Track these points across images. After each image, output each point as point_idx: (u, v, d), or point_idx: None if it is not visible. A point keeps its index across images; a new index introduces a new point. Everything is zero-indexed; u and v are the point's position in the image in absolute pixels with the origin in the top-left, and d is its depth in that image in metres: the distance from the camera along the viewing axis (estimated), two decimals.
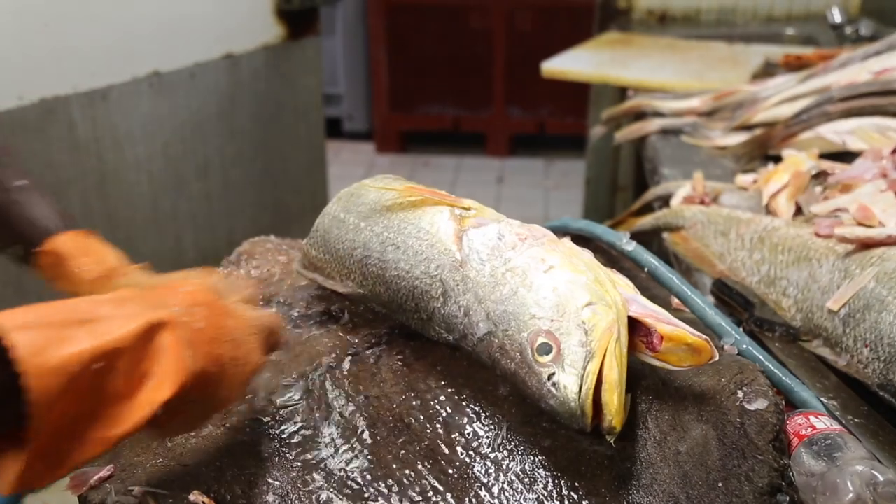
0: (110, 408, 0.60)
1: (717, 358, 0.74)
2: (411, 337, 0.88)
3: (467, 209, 0.88)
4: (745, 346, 0.86)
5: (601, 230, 1.09)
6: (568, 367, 0.71)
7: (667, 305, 0.90)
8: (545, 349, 0.72)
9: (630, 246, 1.02)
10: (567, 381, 0.70)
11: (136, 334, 0.60)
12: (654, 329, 0.74)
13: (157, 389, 0.61)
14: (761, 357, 0.86)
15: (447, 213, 0.87)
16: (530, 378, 0.73)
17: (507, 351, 0.76)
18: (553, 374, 0.71)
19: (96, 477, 0.73)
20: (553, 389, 0.71)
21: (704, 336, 0.73)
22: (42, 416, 0.55)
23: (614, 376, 0.70)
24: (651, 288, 1.00)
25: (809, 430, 0.77)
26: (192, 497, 0.71)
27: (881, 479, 0.69)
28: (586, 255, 0.82)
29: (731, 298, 1.03)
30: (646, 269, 0.99)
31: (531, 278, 0.77)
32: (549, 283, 0.76)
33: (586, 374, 0.70)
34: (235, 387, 0.70)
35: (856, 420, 0.82)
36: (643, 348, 0.76)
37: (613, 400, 0.69)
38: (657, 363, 0.75)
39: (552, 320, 0.74)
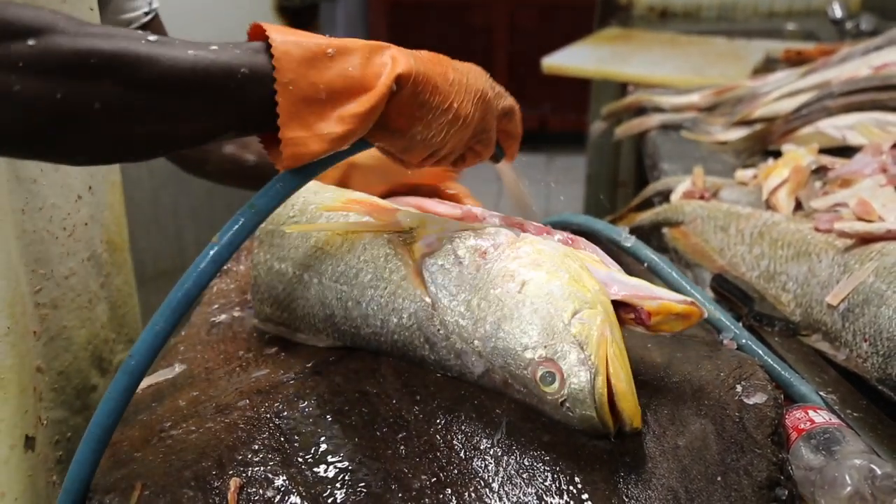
0: (351, 93, 0.69)
1: (706, 315, 0.76)
2: None
3: (408, 231, 0.84)
4: (744, 341, 0.86)
5: (601, 225, 1.09)
6: (576, 390, 0.71)
7: None
8: (548, 379, 0.72)
9: (629, 241, 1.02)
10: (580, 404, 0.71)
11: (365, 45, 0.71)
12: (641, 308, 0.75)
13: (389, 72, 0.70)
14: (760, 352, 0.86)
15: (391, 245, 0.83)
16: (543, 405, 0.74)
17: (511, 384, 0.76)
18: (564, 399, 0.71)
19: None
20: (569, 413, 0.71)
21: (689, 299, 0.75)
22: (285, 75, 0.66)
23: (622, 384, 0.70)
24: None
25: (808, 424, 0.77)
26: (229, 484, 0.71)
27: (879, 472, 0.69)
28: (549, 244, 0.80)
29: (731, 293, 1.03)
30: (645, 264, 0.99)
31: (509, 305, 0.75)
32: (528, 305, 0.74)
33: (596, 391, 0.70)
34: (465, 104, 0.76)
35: (854, 414, 0.83)
36: (633, 323, 0.76)
37: (628, 406, 0.70)
38: (651, 333, 0.77)
39: (545, 346, 0.72)
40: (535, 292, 0.75)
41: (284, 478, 0.71)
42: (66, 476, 0.72)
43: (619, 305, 0.76)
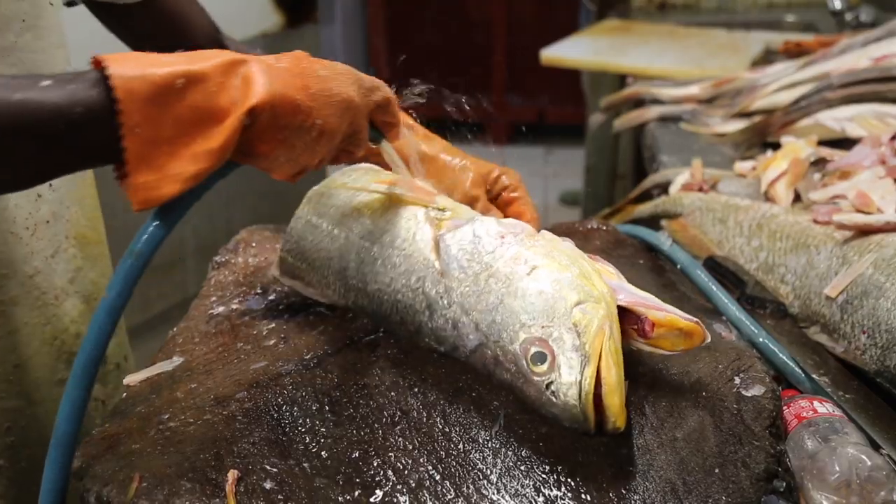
0: (202, 127, 0.66)
1: (709, 340, 0.74)
2: None
3: (442, 209, 0.86)
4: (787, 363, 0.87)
5: (643, 232, 1.14)
6: (565, 374, 0.70)
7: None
8: (539, 358, 0.72)
9: (667, 244, 1.09)
10: (566, 389, 0.70)
11: (218, 64, 0.67)
12: (645, 316, 0.74)
13: (241, 102, 0.67)
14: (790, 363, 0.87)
15: (422, 216, 0.85)
16: (528, 388, 0.73)
17: (502, 362, 0.75)
18: (551, 382, 0.71)
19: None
20: (553, 398, 0.71)
21: (695, 319, 0.74)
22: (131, 118, 0.62)
23: (613, 378, 0.69)
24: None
25: (811, 413, 0.77)
26: (227, 476, 0.71)
27: (869, 463, 0.69)
28: (567, 245, 0.81)
29: (723, 276, 1.03)
30: (678, 266, 1.03)
31: (516, 284, 0.76)
32: (535, 286, 0.75)
33: (584, 379, 0.69)
34: (329, 118, 0.73)
35: (847, 396, 0.83)
36: (635, 335, 0.75)
37: (615, 402, 0.69)
38: (649, 349, 0.75)
39: (543, 326, 0.73)
40: (543, 277, 0.75)
41: (282, 470, 0.71)
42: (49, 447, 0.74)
43: (623, 316, 0.75)
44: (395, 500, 0.68)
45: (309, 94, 0.71)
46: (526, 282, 0.76)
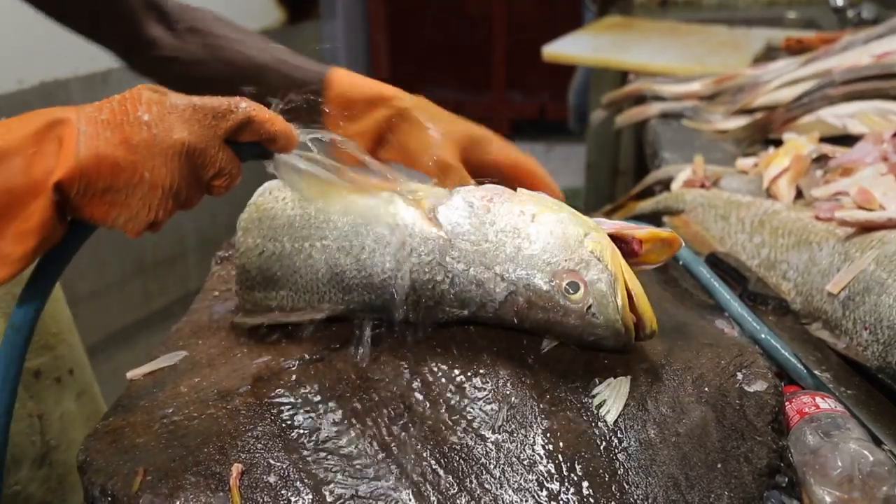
0: (20, 204, 0.63)
1: (683, 244, 0.84)
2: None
3: (415, 191, 0.86)
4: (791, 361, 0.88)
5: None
6: (600, 295, 0.77)
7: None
8: (574, 287, 0.78)
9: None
10: (605, 308, 0.77)
11: (28, 134, 0.63)
12: (633, 236, 0.83)
13: (50, 176, 0.63)
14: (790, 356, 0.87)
15: (399, 201, 0.85)
16: (567, 318, 0.78)
17: (535, 303, 0.80)
18: (590, 306, 0.78)
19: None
20: (594, 319, 0.78)
21: (669, 228, 0.81)
22: None
23: (639, 289, 0.78)
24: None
25: (813, 408, 0.77)
26: (231, 469, 0.71)
27: (871, 458, 0.69)
28: (545, 196, 0.87)
29: (725, 273, 1.03)
30: (680, 262, 1.04)
31: (525, 231, 0.81)
32: (543, 229, 0.81)
33: (618, 294, 0.77)
34: (156, 169, 0.67)
35: (849, 391, 0.83)
36: (623, 258, 0.83)
37: (647, 307, 0.78)
38: (638, 268, 0.83)
39: (566, 259, 0.79)
40: (546, 220, 0.82)
41: (286, 464, 0.72)
42: None
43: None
44: (398, 493, 0.69)
45: (130, 148, 0.66)
46: (534, 227, 0.82)
